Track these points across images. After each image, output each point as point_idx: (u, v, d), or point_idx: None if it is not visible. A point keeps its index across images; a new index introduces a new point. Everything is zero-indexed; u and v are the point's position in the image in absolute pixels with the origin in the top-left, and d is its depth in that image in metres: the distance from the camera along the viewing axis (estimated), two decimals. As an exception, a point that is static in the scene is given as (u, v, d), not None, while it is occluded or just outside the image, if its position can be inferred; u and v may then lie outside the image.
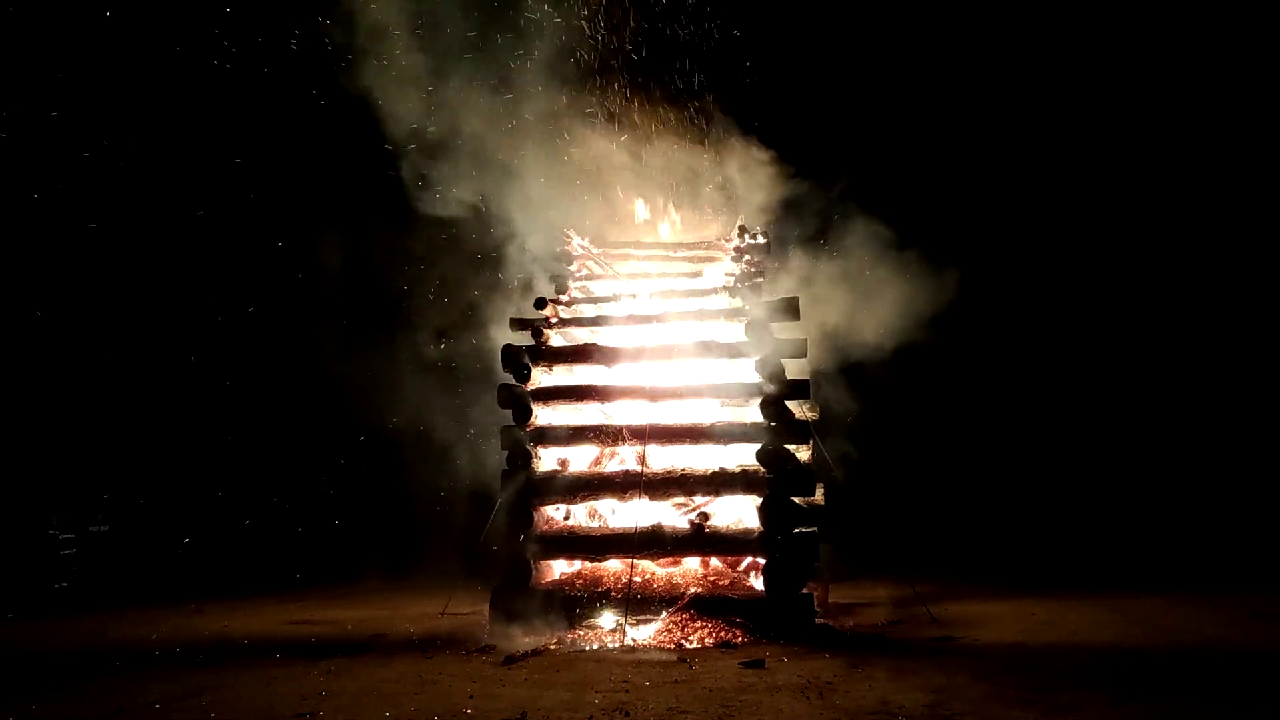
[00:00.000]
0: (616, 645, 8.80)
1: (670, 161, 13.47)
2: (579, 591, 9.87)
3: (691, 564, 10.58)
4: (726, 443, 10.12)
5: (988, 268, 19.08)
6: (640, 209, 13.03)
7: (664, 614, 9.43)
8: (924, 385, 19.04)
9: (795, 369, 10.42)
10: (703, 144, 13.72)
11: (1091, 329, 19.98)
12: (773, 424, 9.83)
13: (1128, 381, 19.75)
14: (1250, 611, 10.06)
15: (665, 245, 12.69)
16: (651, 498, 10.02)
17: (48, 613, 12.73)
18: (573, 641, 9.04)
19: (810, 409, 10.74)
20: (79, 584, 15.40)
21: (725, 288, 10.87)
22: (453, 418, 13.33)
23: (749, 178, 13.18)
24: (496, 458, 10.91)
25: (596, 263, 12.21)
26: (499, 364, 10.70)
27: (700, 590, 9.81)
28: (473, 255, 13.37)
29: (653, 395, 10.31)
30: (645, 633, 9.17)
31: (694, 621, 9.31)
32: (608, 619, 9.56)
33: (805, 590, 9.48)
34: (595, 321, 11.25)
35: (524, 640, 9.18)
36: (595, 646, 8.82)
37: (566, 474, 10.57)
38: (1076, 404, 19.60)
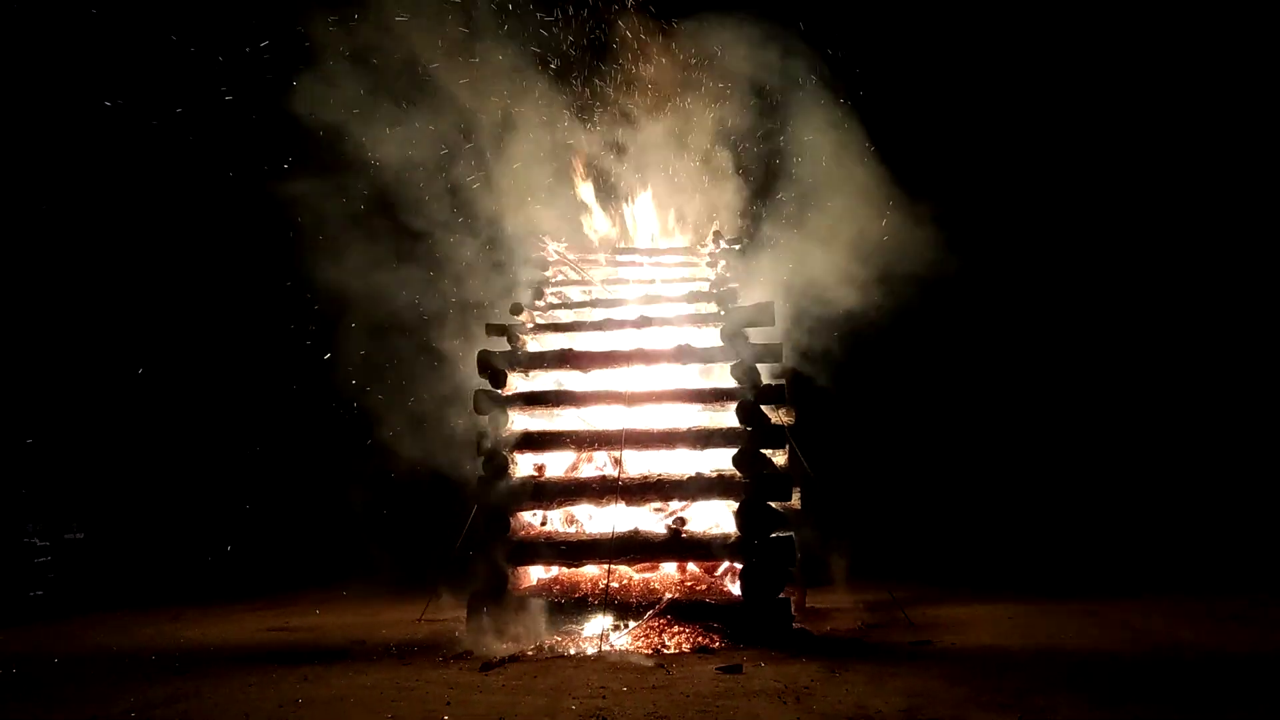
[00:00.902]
0: (594, 651, 8.79)
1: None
2: (556, 597, 9.86)
3: (669, 569, 10.59)
4: (703, 447, 10.13)
5: (974, 270, 19.14)
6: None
7: (641, 619, 9.44)
8: (902, 391, 19.13)
9: (771, 373, 10.46)
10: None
11: (1070, 336, 20.11)
12: (749, 428, 9.86)
13: (1104, 387, 19.87)
14: (1228, 615, 10.14)
15: (641, 251, 12.72)
16: (628, 503, 10.02)
17: (22, 621, 12.65)
18: (550, 647, 9.02)
19: (786, 413, 10.78)
20: (54, 592, 15.30)
21: (701, 293, 10.90)
22: (430, 423, 13.29)
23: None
24: (474, 463, 10.89)
25: (572, 268, 12.23)
26: (475, 370, 10.70)
27: (677, 595, 9.82)
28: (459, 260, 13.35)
29: (629, 400, 10.32)
30: (623, 638, 9.17)
31: (671, 627, 9.32)
32: (585, 624, 9.56)
33: (782, 595, 9.49)
34: (571, 327, 11.27)
35: (501, 646, 9.17)
36: (573, 652, 8.81)
37: (543, 479, 10.56)
38: (1054, 410, 19.71)
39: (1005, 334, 19.87)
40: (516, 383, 10.76)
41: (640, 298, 11.54)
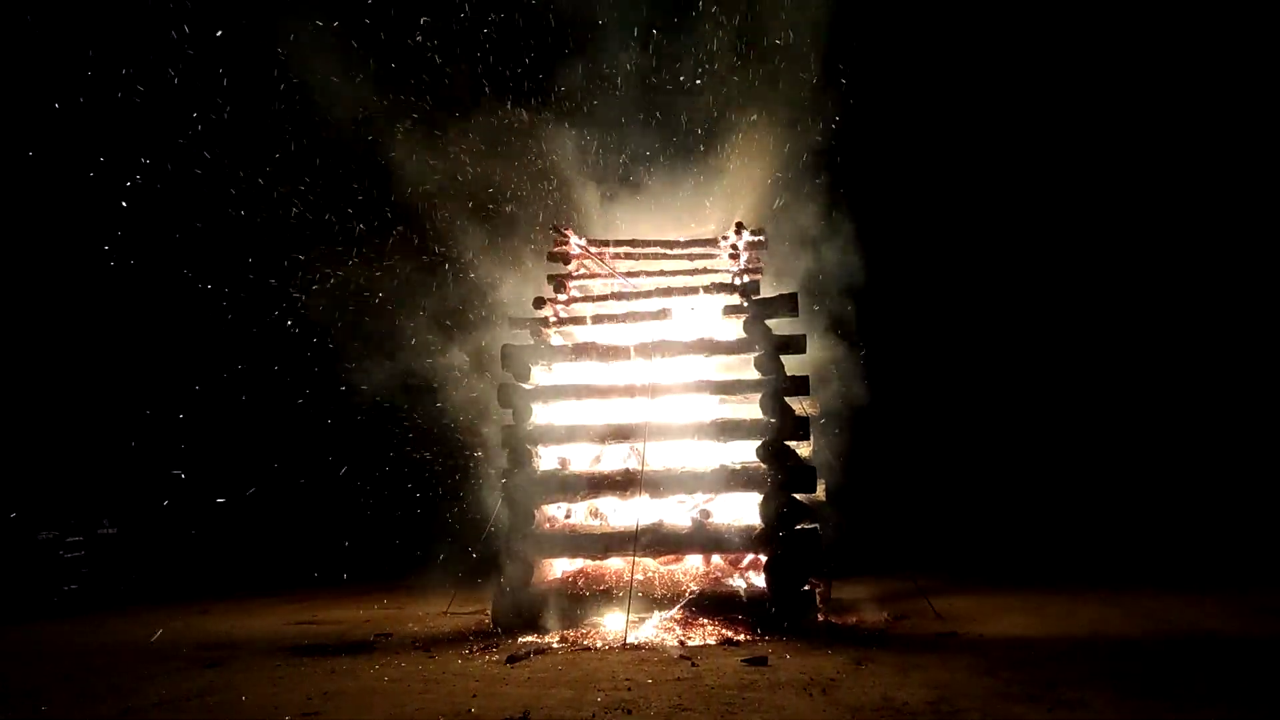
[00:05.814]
0: (619, 643, 8.81)
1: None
2: (581, 590, 9.89)
3: (693, 561, 10.59)
4: (726, 440, 10.12)
5: (989, 267, 19.09)
6: None
7: (666, 612, 9.45)
8: (928, 384, 19.06)
9: (795, 364, 10.42)
10: None
11: (1096, 327, 20.01)
12: (772, 420, 9.83)
13: (1130, 380, 19.76)
14: (1258, 606, 10.03)
15: (663, 243, 12.68)
16: (652, 495, 10.02)
17: (56, 615, 12.78)
18: (575, 640, 9.05)
19: (810, 404, 10.73)
20: (87, 586, 15.46)
21: (723, 284, 10.87)
22: (453, 416, 13.34)
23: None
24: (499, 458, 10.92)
25: (594, 261, 12.22)
26: (499, 363, 10.73)
27: (702, 588, 9.82)
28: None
29: (652, 393, 10.31)
30: (647, 630, 9.18)
31: (696, 619, 9.34)
32: (610, 617, 9.58)
33: (807, 587, 9.48)
34: (594, 320, 11.26)
35: (527, 639, 9.19)
36: (598, 645, 8.83)
37: (567, 472, 10.58)
38: (1080, 403, 19.61)
39: (1038, 330, 19.81)
40: (539, 376, 10.77)
41: (662, 290, 11.51)
